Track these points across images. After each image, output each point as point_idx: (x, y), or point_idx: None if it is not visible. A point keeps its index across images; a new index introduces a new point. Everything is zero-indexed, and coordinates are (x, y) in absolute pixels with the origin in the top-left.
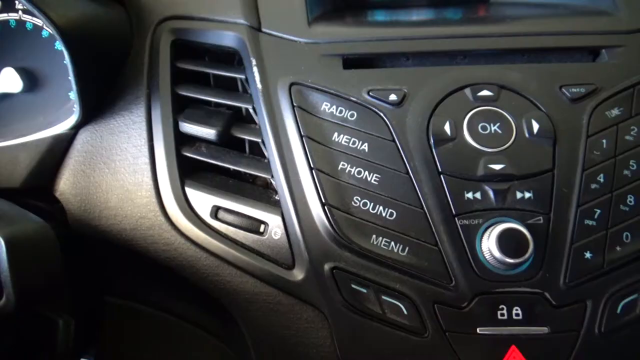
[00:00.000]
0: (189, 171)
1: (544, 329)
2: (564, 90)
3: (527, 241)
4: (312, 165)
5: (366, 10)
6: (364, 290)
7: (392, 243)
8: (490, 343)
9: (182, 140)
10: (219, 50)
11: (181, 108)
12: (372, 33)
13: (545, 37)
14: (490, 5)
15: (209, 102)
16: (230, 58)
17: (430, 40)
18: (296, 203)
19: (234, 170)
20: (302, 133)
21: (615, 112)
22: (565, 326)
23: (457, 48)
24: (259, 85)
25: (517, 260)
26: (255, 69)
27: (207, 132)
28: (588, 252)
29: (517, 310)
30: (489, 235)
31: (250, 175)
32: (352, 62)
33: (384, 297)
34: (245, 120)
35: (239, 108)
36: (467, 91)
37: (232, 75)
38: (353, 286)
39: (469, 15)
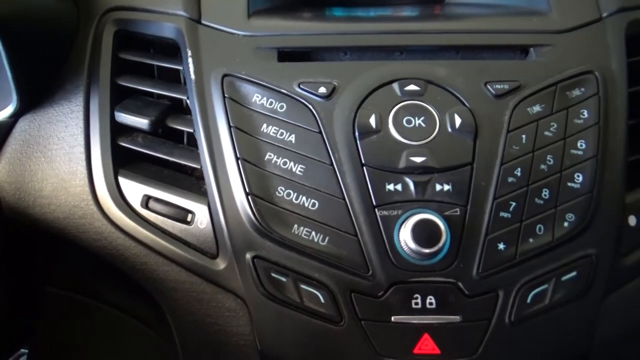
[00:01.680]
0: (125, 161)
1: (457, 318)
2: (488, 86)
3: (440, 232)
4: (238, 155)
5: (319, 7)
6: (284, 279)
7: (313, 233)
8: (404, 331)
9: (119, 131)
10: (161, 41)
11: (122, 99)
12: (309, 27)
13: (479, 35)
14: (445, 5)
15: (152, 94)
16: (174, 50)
17: (366, 36)
18: (221, 193)
19: (172, 161)
20: (230, 123)
21: (536, 108)
22: (477, 315)
23: (393, 44)
24: (193, 76)
25: (430, 250)
26: (190, 60)
27: (140, 122)
28: (502, 243)
29: (431, 299)
30: (406, 226)
31: (186, 166)
32: (287, 55)
33: (302, 286)
34: (183, 111)
35: (178, 99)
36: (395, 85)
37: (170, 66)
38: (273, 275)
39: (421, 13)
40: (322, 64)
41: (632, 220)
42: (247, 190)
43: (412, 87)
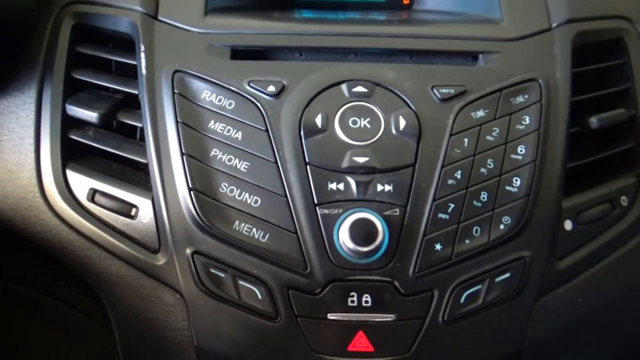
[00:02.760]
0: (75, 154)
1: (391, 316)
2: (434, 90)
3: (377, 231)
4: (183, 151)
5: (288, 8)
6: (222, 275)
7: (254, 229)
8: (339, 328)
9: (71, 124)
10: (119, 36)
11: (76, 92)
12: (265, 26)
13: (431, 40)
14: (412, 11)
15: (109, 88)
16: (132, 45)
17: (321, 37)
18: (165, 187)
19: (123, 156)
20: (178, 119)
21: (480, 113)
22: (412, 314)
23: (347, 46)
24: (144, 71)
25: (366, 249)
26: (142, 55)
27: (90, 115)
28: (438, 244)
29: (366, 297)
30: (344, 224)
31: (135, 160)
32: (240, 53)
33: (240, 282)
34: (137, 106)
35: (133, 94)
36: (344, 86)
37: (126, 61)
38: (212, 270)
39: (388, 18)
40: (274, 63)
41: (568, 225)
42: (190, 186)
43: (359, 88)
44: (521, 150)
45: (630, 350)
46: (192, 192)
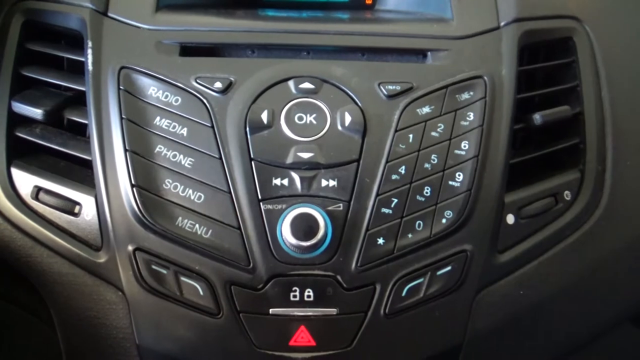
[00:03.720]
0: (22, 152)
1: (333, 310)
2: (381, 86)
3: (318, 226)
4: (126, 147)
5: (249, 7)
6: (164, 272)
7: (197, 225)
8: (281, 323)
9: (17, 121)
10: (69, 33)
11: (26, 89)
12: (216, 23)
13: (382, 38)
14: (374, 11)
15: (59, 86)
16: (82, 41)
17: (272, 34)
18: (108, 184)
19: (70, 153)
20: (122, 115)
21: (426, 109)
22: (354, 308)
23: (298, 43)
24: (90, 67)
25: (307, 243)
26: (89, 52)
27: (35, 112)
28: (381, 238)
29: (309, 292)
30: (286, 220)
31: (81, 158)
32: (190, 50)
33: (182, 279)
34: (85, 103)
35: (82, 91)
36: (291, 83)
37: (75, 58)
38: (153, 267)
39: (351, 16)
40: (223, 60)
41: (510, 219)
42: (133, 182)
43: (306, 85)
44: (465, 146)
45: (570, 340)
46: (134, 189)
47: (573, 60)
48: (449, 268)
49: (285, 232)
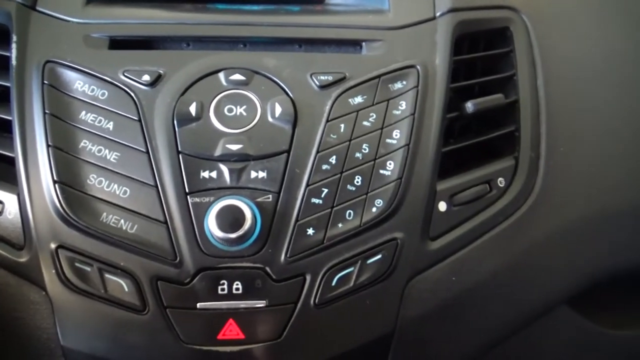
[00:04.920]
0: None
1: (262, 303)
2: (313, 77)
3: (244, 217)
4: (49, 143)
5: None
6: (88, 269)
7: (122, 220)
8: (208, 317)
9: None
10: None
11: None
12: (148, 16)
13: (317, 29)
14: (325, 4)
15: None
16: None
17: (205, 26)
18: (30, 182)
19: None
20: (46, 110)
21: (358, 99)
22: (283, 299)
23: (233, 35)
24: (14, 62)
25: (234, 236)
26: (14, 46)
27: None
28: (311, 228)
29: (237, 285)
30: (212, 212)
31: (5, 155)
32: (119, 43)
33: (107, 275)
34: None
35: (6, 87)
36: (221, 75)
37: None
38: (77, 265)
39: (302, 9)
40: (153, 52)
41: (442, 206)
42: (55, 178)
43: (237, 76)
44: (396, 135)
45: (505, 325)
46: (57, 185)
47: (510, 50)
48: (379, 256)
49: (212, 225)
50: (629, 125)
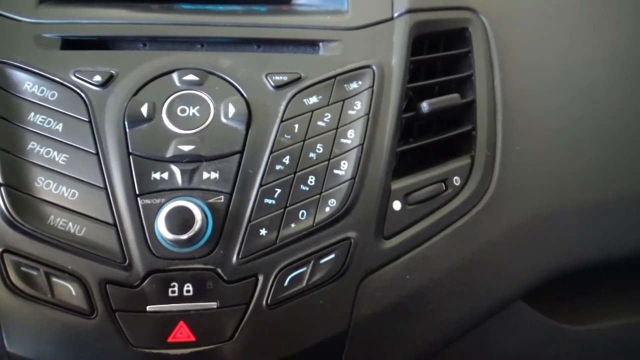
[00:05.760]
0: None
1: (214, 304)
2: (268, 77)
3: (194, 218)
4: None
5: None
6: (35, 273)
7: (70, 223)
8: (158, 320)
9: None
10: None
11: None
12: (103, 15)
13: (276, 30)
14: (292, 5)
15: None
16: None
17: (162, 26)
18: None
19: None
20: None
21: (313, 99)
22: (235, 300)
23: (189, 35)
24: None
25: (184, 237)
26: None
27: None
28: (263, 229)
29: (188, 287)
30: (161, 214)
31: None
32: (72, 43)
33: (54, 279)
34: None
35: None
36: (175, 75)
37: None
38: (23, 269)
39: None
40: (106, 52)
41: (396, 206)
42: (1, 181)
43: (190, 77)
44: (351, 135)
45: (461, 322)
46: (2, 188)
47: (469, 50)
48: (332, 256)
49: (161, 227)
50: (582, 125)
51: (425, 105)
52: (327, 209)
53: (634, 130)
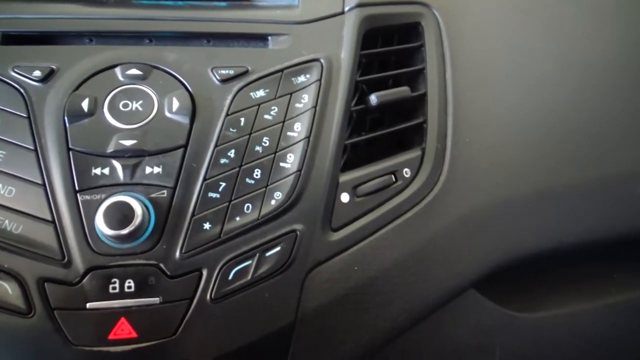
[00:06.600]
0: None
1: (156, 300)
2: (214, 71)
3: (133, 213)
4: None
5: None
6: None
7: (7, 221)
8: (99, 317)
9: None
10: None
11: None
12: (47, 10)
13: (224, 24)
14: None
15: None
16: None
17: (109, 21)
18: None
19: None
20: None
21: (260, 93)
22: (178, 295)
23: (135, 30)
24: None
25: (124, 232)
26: None
27: None
28: (207, 223)
29: (129, 282)
30: (100, 209)
31: None
32: (14, 39)
33: None
34: None
35: None
36: (117, 70)
37: None
38: None
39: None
40: (48, 47)
41: (345, 198)
42: None
43: (134, 71)
44: (297, 128)
45: (411, 311)
46: None
47: (421, 44)
48: (278, 249)
49: (100, 223)
50: (531, 117)
51: (373, 98)
52: (273, 202)
53: (581, 122)
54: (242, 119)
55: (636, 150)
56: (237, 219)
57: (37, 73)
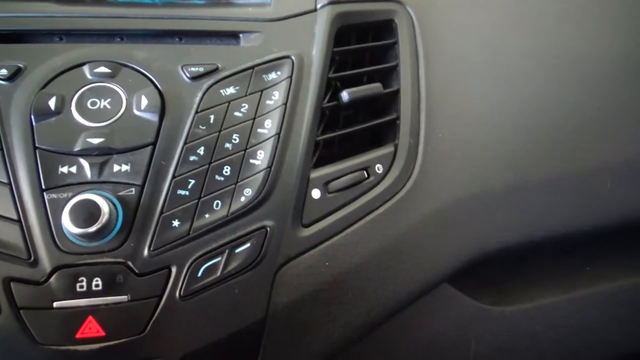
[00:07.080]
0: None
1: (124, 298)
2: (184, 69)
3: (99, 211)
4: None
5: None
6: None
7: None
8: (66, 316)
9: None
10: None
11: None
12: (16, 8)
13: (196, 21)
14: None
15: None
16: None
17: (79, 19)
18: None
19: None
20: None
21: (230, 90)
22: (146, 293)
23: (105, 28)
24: None
25: (91, 230)
26: None
27: None
28: (176, 220)
29: (97, 281)
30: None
31: None
32: None
33: None
34: None
35: None
36: (85, 68)
37: None
38: None
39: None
40: (16, 46)
41: (315, 194)
42: None
43: (102, 69)
44: (268, 125)
45: (384, 306)
46: None
47: (395, 41)
48: (247, 245)
49: (66, 221)
50: (504, 112)
51: (345, 95)
52: (243, 199)
53: (555, 117)
54: (212, 116)
55: (609, 144)
56: (207, 215)
57: (4, 72)
